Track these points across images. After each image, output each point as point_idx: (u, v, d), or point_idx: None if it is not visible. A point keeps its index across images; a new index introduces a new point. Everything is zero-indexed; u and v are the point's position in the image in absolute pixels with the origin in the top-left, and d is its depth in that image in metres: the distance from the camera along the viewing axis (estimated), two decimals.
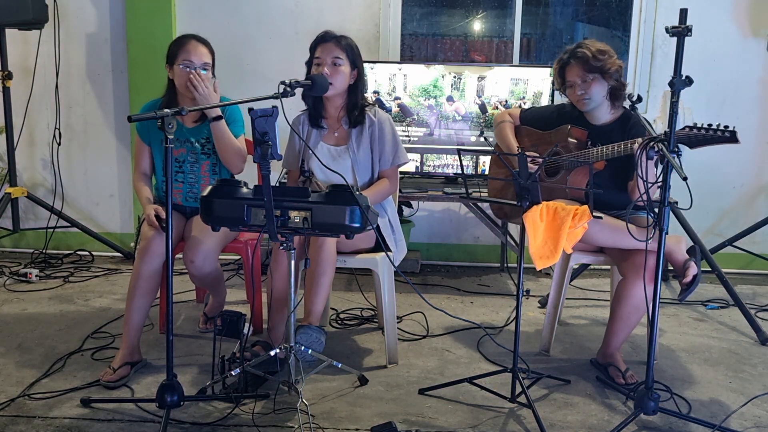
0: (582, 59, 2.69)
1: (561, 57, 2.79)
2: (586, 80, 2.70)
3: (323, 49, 2.73)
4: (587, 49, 2.69)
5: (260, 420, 2.29)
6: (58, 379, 2.58)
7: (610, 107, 2.78)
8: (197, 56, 2.76)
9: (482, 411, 2.41)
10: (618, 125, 2.76)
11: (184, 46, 2.78)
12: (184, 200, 2.89)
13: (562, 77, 2.80)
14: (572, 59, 2.73)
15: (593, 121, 2.81)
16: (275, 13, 4.22)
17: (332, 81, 2.68)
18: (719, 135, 2.23)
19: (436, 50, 4.83)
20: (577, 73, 2.72)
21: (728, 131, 2.23)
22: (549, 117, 2.95)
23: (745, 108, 4.22)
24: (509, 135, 3.00)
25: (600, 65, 2.68)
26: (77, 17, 4.24)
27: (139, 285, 2.60)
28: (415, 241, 4.37)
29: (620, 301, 2.61)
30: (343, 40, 2.75)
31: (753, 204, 4.31)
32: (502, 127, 3.05)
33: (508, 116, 3.07)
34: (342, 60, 2.72)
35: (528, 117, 3.04)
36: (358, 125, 2.80)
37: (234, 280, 3.92)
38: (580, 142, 2.79)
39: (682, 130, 2.30)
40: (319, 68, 2.71)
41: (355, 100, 2.80)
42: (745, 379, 2.76)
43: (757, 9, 4.13)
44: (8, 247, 4.46)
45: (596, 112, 2.79)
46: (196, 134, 2.85)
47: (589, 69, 2.69)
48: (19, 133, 4.19)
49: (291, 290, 2.38)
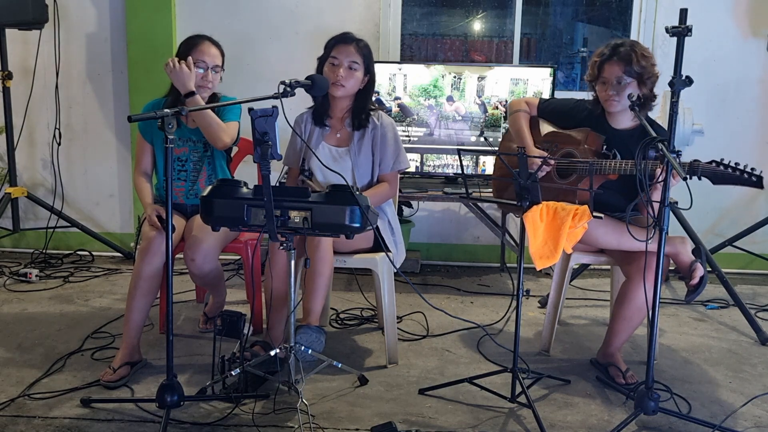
0: (625, 59, 2.60)
1: (603, 50, 2.68)
2: (622, 82, 2.62)
3: (341, 50, 2.72)
4: (633, 50, 2.60)
5: (260, 420, 2.29)
6: (58, 379, 2.58)
7: (634, 114, 2.66)
8: (210, 57, 2.79)
9: (482, 411, 2.41)
10: (638, 132, 2.65)
11: (198, 46, 2.80)
12: (186, 197, 2.89)
13: (599, 71, 2.68)
14: (615, 56, 2.62)
15: (614, 124, 2.74)
16: (275, 13, 4.22)
17: (344, 83, 2.69)
18: (745, 178, 2.19)
19: (436, 50, 4.83)
20: (616, 73, 2.62)
21: (755, 176, 2.18)
22: (569, 113, 2.85)
23: (745, 108, 4.22)
24: (524, 127, 2.89)
25: (641, 71, 2.60)
26: (77, 17, 4.24)
27: (140, 285, 2.60)
28: (415, 241, 4.37)
29: (624, 302, 2.60)
30: (362, 43, 2.76)
31: (753, 204, 4.31)
32: (517, 116, 2.92)
33: (525, 105, 2.94)
34: (358, 65, 2.72)
35: (546, 109, 2.93)
36: (361, 128, 2.79)
37: (234, 280, 3.92)
38: (597, 149, 2.71)
39: (709, 164, 2.25)
40: (334, 68, 2.71)
41: (363, 104, 2.80)
42: (745, 379, 2.76)
43: (757, 9, 4.13)
44: (8, 247, 4.46)
45: (619, 116, 2.72)
46: (198, 133, 2.85)
47: (629, 72, 2.60)
48: (19, 133, 4.19)
49: (291, 290, 2.38)
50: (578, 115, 2.83)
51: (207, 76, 2.79)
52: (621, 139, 2.71)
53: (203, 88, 2.79)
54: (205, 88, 2.81)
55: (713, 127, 3.99)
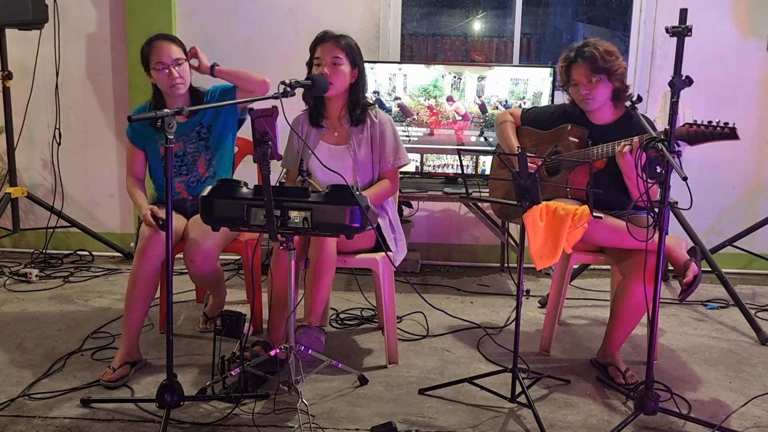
0: (590, 59, 2.67)
1: (567, 54, 2.76)
2: (592, 80, 2.68)
3: (323, 49, 2.73)
4: (595, 49, 2.67)
5: (260, 420, 2.29)
6: (58, 379, 2.58)
7: (612, 108, 2.78)
8: (167, 55, 2.78)
9: (482, 411, 2.41)
10: (619, 125, 2.75)
11: (153, 49, 2.80)
12: (187, 188, 2.91)
13: (568, 75, 2.77)
14: (579, 58, 2.70)
15: (594, 120, 2.80)
16: (275, 13, 4.23)
17: (332, 81, 2.68)
18: (719, 131, 2.25)
19: (436, 50, 4.83)
20: (584, 73, 2.69)
21: (728, 127, 2.25)
22: (550, 117, 2.94)
23: (745, 108, 4.22)
24: (510, 135, 2.99)
25: (607, 66, 2.66)
26: (77, 17, 4.24)
27: (138, 285, 2.60)
28: (415, 241, 4.37)
29: (621, 301, 2.61)
30: (343, 39, 2.74)
31: (753, 204, 4.31)
32: (503, 127, 3.03)
33: (510, 116, 3.05)
34: (342, 59, 2.71)
35: (529, 117, 3.02)
36: (359, 124, 2.80)
37: (234, 280, 3.92)
38: (581, 141, 2.78)
39: (681, 127, 2.31)
40: (319, 68, 2.70)
41: (357, 98, 2.79)
42: (745, 379, 2.76)
43: (757, 9, 4.14)
44: (8, 247, 4.46)
45: (598, 112, 2.78)
46: (189, 127, 2.87)
47: (596, 69, 2.67)
48: (19, 133, 4.19)
49: (291, 290, 2.38)
50: (559, 117, 2.89)
51: (172, 73, 2.77)
52: (604, 132, 2.75)
53: (174, 86, 2.78)
54: (176, 86, 2.79)
55: None
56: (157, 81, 2.81)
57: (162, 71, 2.77)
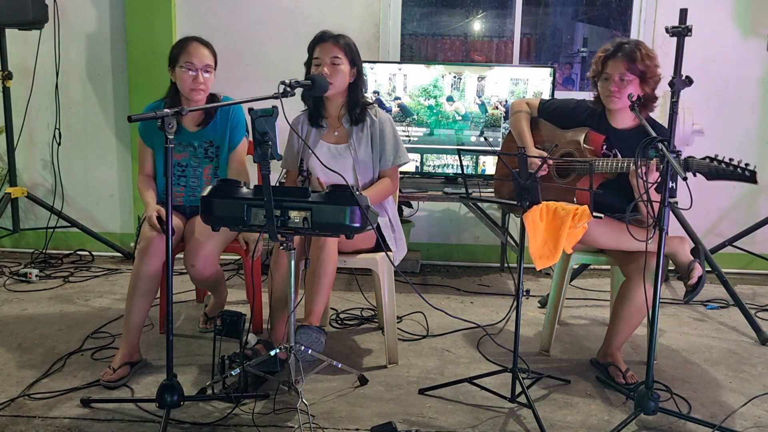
0: (629, 56, 2.62)
1: (607, 47, 2.70)
2: (624, 78, 2.64)
3: (321, 49, 2.73)
4: (637, 48, 2.62)
5: (260, 420, 2.29)
6: (58, 379, 2.58)
7: (634, 114, 2.66)
8: (199, 58, 2.76)
9: (482, 411, 2.41)
10: (639, 132, 2.63)
11: (186, 48, 2.77)
12: (186, 201, 2.89)
13: (602, 67, 2.70)
14: (619, 53, 2.64)
15: (615, 123, 2.75)
16: (275, 13, 4.22)
17: (332, 80, 2.68)
18: (739, 173, 2.20)
19: (436, 50, 4.83)
20: (618, 69, 2.64)
21: (749, 170, 2.19)
22: (570, 113, 2.86)
23: (745, 108, 4.22)
24: (524, 127, 2.91)
25: (644, 69, 2.62)
26: (77, 17, 4.24)
27: (139, 285, 2.60)
28: (415, 241, 4.37)
29: (624, 302, 2.60)
30: (341, 39, 2.74)
31: (753, 204, 4.31)
32: (518, 117, 2.95)
33: (526, 105, 2.97)
34: (340, 59, 2.71)
35: (547, 110, 2.93)
36: (359, 123, 2.80)
37: (234, 280, 3.92)
38: (596, 150, 2.71)
39: (703, 160, 2.25)
40: (317, 68, 2.71)
41: (356, 98, 2.80)
42: (745, 379, 2.76)
43: (757, 9, 4.14)
44: (8, 247, 4.46)
45: (620, 114, 2.73)
46: (199, 138, 2.85)
47: (632, 69, 2.62)
48: (19, 133, 4.19)
49: (291, 290, 2.38)
50: (579, 115, 2.84)
51: (198, 78, 2.75)
52: (622, 138, 2.71)
53: (196, 91, 2.76)
54: (198, 91, 2.76)
55: (713, 127, 4.00)
56: (179, 81, 2.78)
57: (188, 72, 2.74)
